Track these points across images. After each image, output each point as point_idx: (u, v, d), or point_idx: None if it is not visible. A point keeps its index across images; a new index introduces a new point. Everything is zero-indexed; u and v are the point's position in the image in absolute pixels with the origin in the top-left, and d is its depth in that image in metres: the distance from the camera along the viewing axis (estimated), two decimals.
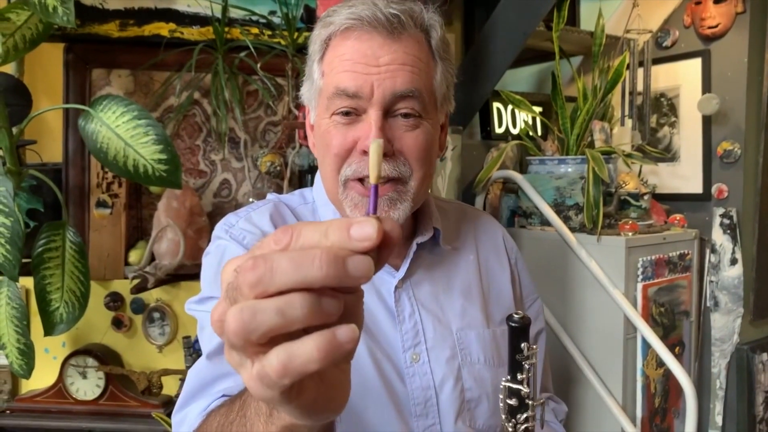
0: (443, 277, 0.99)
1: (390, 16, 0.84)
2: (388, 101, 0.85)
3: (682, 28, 2.49)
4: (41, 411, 1.70)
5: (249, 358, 0.42)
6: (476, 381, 0.94)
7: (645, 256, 2.02)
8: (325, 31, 0.88)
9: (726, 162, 2.39)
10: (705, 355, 2.42)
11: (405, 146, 0.87)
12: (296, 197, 1.03)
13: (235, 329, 0.39)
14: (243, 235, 0.93)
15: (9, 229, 1.35)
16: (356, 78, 0.84)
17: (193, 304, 0.93)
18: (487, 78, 2.25)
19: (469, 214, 1.12)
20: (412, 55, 0.86)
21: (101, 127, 1.46)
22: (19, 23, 1.49)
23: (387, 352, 0.90)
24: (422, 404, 0.89)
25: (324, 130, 0.88)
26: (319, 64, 0.89)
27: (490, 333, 0.98)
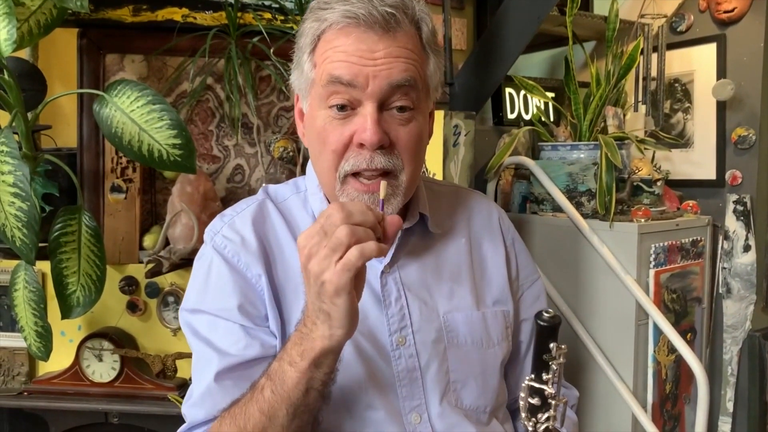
0: (432, 260, 1.00)
1: (386, 14, 0.85)
2: (384, 92, 0.86)
3: (697, 13, 2.46)
4: (58, 393, 1.72)
5: (334, 261, 0.72)
6: (462, 363, 0.96)
7: (657, 243, 2.01)
8: (317, 24, 0.88)
9: (740, 148, 2.37)
10: (717, 341, 2.42)
11: (399, 140, 0.89)
12: (290, 187, 1.05)
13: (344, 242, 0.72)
14: (224, 244, 0.95)
15: (26, 213, 1.36)
16: (351, 67, 0.85)
17: (188, 314, 0.97)
18: (500, 63, 2.23)
19: (462, 196, 1.12)
20: (406, 49, 0.87)
21: (116, 112, 1.47)
22: (33, 8, 1.49)
23: (374, 336, 0.93)
24: (408, 386, 0.93)
25: (319, 125, 0.89)
26: (310, 56, 0.90)
27: (479, 315, 1.00)
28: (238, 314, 0.92)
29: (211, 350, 0.91)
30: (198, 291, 0.96)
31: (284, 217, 0.99)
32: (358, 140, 0.86)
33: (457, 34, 2.59)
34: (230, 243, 0.95)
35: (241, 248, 0.94)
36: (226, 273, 0.94)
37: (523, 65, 2.81)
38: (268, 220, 0.99)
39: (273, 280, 0.94)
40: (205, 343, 0.92)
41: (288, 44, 1.72)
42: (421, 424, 0.92)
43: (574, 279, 2.10)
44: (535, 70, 2.90)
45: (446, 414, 0.94)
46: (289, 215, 1.00)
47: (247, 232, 0.96)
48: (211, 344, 0.92)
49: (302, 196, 1.02)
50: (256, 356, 0.90)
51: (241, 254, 0.94)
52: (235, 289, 0.93)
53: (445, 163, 1.88)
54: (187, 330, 0.97)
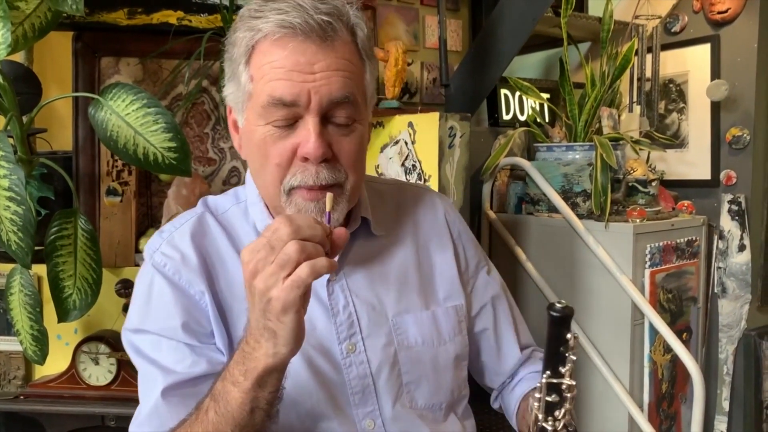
0: (377, 264, 0.99)
1: (322, 22, 0.83)
2: (324, 108, 0.85)
3: (691, 14, 2.47)
4: (54, 396, 1.71)
5: (282, 278, 0.70)
6: (414, 363, 0.96)
7: (653, 243, 2.02)
8: (250, 34, 0.85)
9: (735, 148, 2.38)
10: (712, 341, 2.43)
11: (342, 152, 0.87)
12: (229, 197, 1.02)
13: (294, 259, 0.71)
14: (164, 262, 0.92)
15: (21, 217, 1.36)
16: (292, 86, 0.83)
17: (130, 333, 0.94)
18: (495, 64, 2.24)
19: (407, 193, 1.11)
20: (344, 60, 0.86)
21: (111, 115, 1.47)
22: (28, 11, 1.49)
23: (323, 346, 0.92)
24: (360, 392, 0.92)
25: (259, 139, 0.87)
26: (245, 67, 0.87)
27: (429, 314, 0.99)
28: (182, 333, 0.89)
29: (155, 369, 0.89)
30: (140, 311, 0.93)
31: (225, 229, 0.96)
32: (302, 154, 0.85)
33: (453, 36, 2.60)
34: (170, 260, 0.92)
35: (182, 265, 0.91)
36: (168, 291, 0.91)
37: (518, 66, 2.82)
38: (209, 233, 0.96)
39: (217, 296, 0.92)
40: (150, 362, 0.90)
41: None
42: (375, 429, 0.92)
43: (570, 279, 2.10)
44: (530, 72, 2.91)
45: (400, 416, 0.94)
46: (230, 227, 0.97)
47: (186, 247, 0.93)
48: (156, 363, 0.89)
49: (242, 207, 0.99)
50: (203, 373, 0.88)
51: (182, 271, 0.91)
52: (177, 307, 0.90)
53: (441, 165, 1.88)
54: (131, 350, 0.93)
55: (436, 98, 2.55)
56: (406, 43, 2.45)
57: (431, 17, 2.54)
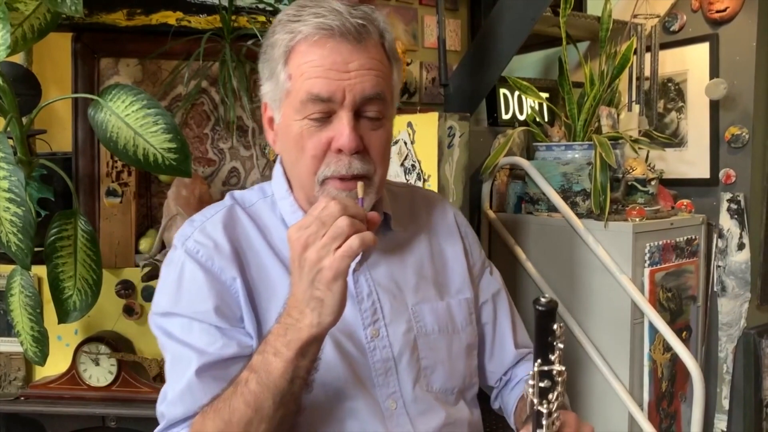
0: (397, 257, 1.07)
1: (357, 25, 0.91)
2: (357, 103, 0.92)
3: (689, 12, 2.47)
4: (55, 397, 1.72)
5: (333, 249, 0.78)
6: (431, 350, 1.03)
7: (652, 242, 2.02)
8: (290, 36, 0.92)
9: (733, 147, 2.38)
10: (712, 339, 2.43)
11: (372, 145, 0.95)
12: (255, 192, 1.08)
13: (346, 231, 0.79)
14: (197, 248, 0.98)
15: (21, 218, 1.36)
16: (329, 84, 0.90)
17: (159, 317, 0.98)
18: (494, 64, 2.24)
19: (419, 195, 1.19)
20: (375, 60, 0.93)
21: (110, 116, 1.47)
22: (27, 13, 1.49)
23: (350, 331, 0.98)
24: (383, 374, 0.99)
25: (296, 132, 0.94)
26: (284, 67, 0.94)
27: (444, 305, 1.07)
28: (214, 316, 0.94)
29: (188, 350, 0.93)
30: (170, 295, 0.97)
31: (254, 221, 1.02)
32: (337, 146, 0.92)
33: (452, 35, 2.60)
34: (203, 247, 0.97)
35: (215, 252, 0.97)
36: (200, 276, 0.96)
37: (517, 66, 2.82)
38: (239, 223, 1.01)
39: (247, 282, 0.97)
40: (182, 344, 0.94)
41: None
42: (397, 409, 0.99)
43: (570, 278, 2.10)
44: (529, 71, 2.91)
45: (419, 398, 1.01)
46: (259, 219, 1.03)
47: (219, 236, 0.98)
48: (188, 345, 0.94)
49: (269, 201, 1.05)
50: (234, 355, 0.93)
51: (215, 258, 0.96)
52: (210, 291, 0.95)
53: (440, 165, 1.88)
54: (160, 333, 0.98)
55: (435, 98, 2.55)
56: (405, 42, 2.45)
57: (430, 17, 2.54)
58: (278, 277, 0.98)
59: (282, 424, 0.86)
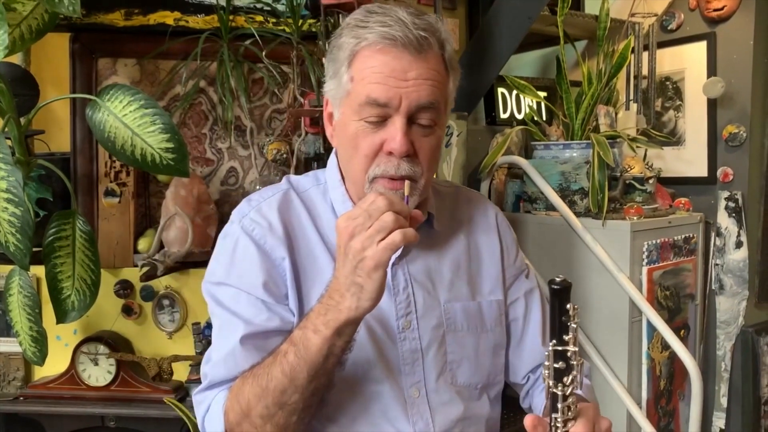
0: (435, 255, 1.11)
1: (419, 37, 0.95)
2: (412, 110, 0.97)
3: (687, 11, 2.48)
4: (54, 397, 1.72)
5: (377, 241, 0.84)
6: (459, 346, 1.08)
7: (650, 240, 2.02)
8: (355, 41, 0.97)
9: (731, 145, 2.39)
10: (710, 337, 2.43)
11: (421, 150, 1.00)
12: (310, 179, 1.14)
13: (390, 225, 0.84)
14: (252, 227, 1.04)
15: (19, 218, 1.36)
16: (388, 90, 0.95)
17: (212, 285, 1.06)
18: (492, 63, 2.24)
19: (463, 196, 1.23)
20: (434, 71, 0.98)
21: (108, 117, 1.47)
22: (25, 13, 1.49)
23: (383, 320, 1.04)
24: (410, 364, 1.04)
25: (352, 132, 0.99)
26: (347, 69, 0.99)
27: (475, 304, 1.11)
28: (262, 290, 1.01)
29: (236, 318, 1.00)
30: (224, 266, 1.04)
31: (306, 206, 1.09)
32: (388, 149, 0.97)
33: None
34: (258, 226, 1.04)
35: (268, 232, 1.03)
36: (253, 252, 1.02)
37: (515, 65, 2.82)
38: (292, 208, 1.08)
39: (295, 264, 1.03)
40: (230, 313, 1.01)
41: (280, 47, 1.74)
42: (419, 398, 1.04)
43: (568, 277, 2.07)
44: (527, 70, 2.91)
45: (441, 390, 1.06)
46: (311, 205, 1.09)
47: (273, 217, 1.05)
48: (236, 313, 1.01)
49: (322, 189, 1.11)
50: (276, 328, 1.00)
51: (268, 237, 1.03)
52: (261, 267, 1.02)
53: (438, 164, 1.89)
54: (211, 300, 1.05)
55: None
56: None
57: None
58: (323, 261, 1.04)
59: (313, 396, 0.93)
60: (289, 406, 0.92)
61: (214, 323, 1.05)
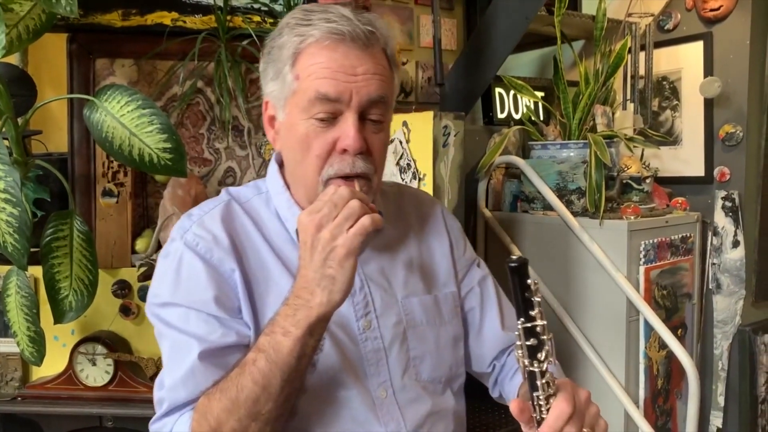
0: (387, 254, 1.11)
1: (366, 32, 0.95)
2: (363, 105, 0.96)
3: (684, 11, 2.48)
4: (52, 397, 1.72)
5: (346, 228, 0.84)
6: (420, 341, 1.08)
7: (647, 240, 2.03)
8: (299, 39, 0.96)
9: (728, 145, 2.39)
10: (707, 337, 2.44)
11: (374, 146, 0.99)
12: (250, 189, 1.11)
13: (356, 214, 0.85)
14: (196, 241, 1.00)
15: (17, 218, 1.36)
16: (337, 85, 0.94)
17: (157, 307, 1.01)
18: (489, 63, 2.25)
19: (407, 194, 1.24)
20: (380, 66, 0.98)
21: (106, 117, 1.47)
22: (22, 14, 1.50)
23: (343, 323, 1.03)
24: (375, 364, 1.03)
25: (302, 132, 0.97)
26: (291, 68, 0.97)
27: (431, 298, 1.11)
28: (213, 306, 0.97)
29: (187, 337, 0.96)
30: (170, 285, 1.00)
31: (250, 216, 1.06)
32: (343, 146, 0.96)
33: (447, 35, 2.60)
34: (202, 240, 1.00)
35: (214, 245, 1.00)
36: (200, 267, 0.98)
37: (513, 65, 2.82)
38: (236, 218, 1.05)
39: (246, 274, 1.00)
40: (180, 332, 0.97)
41: None
42: (387, 398, 1.03)
43: (565, 277, 2.11)
44: (524, 70, 2.91)
45: (408, 387, 1.05)
46: (255, 214, 1.06)
47: (217, 229, 1.01)
48: (187, 332, 0.96)
49: (264, 197, 1.09)
50: (233, 344, 0.96)
51: (214, 250, 0.99)
52: (210, 282, 0.97)
53: (435, 164, 1.89)
54: (158, 322, 1.00)
55: (430, 97, 2.55)
56: (401, 42, 2.46)
57: (426, 16, 2.54)
58: (275, 270, 1.01)
59: (286, 402, 0.91)
60: (263, 416, 0.89)
61: (163, 346, 1.00)
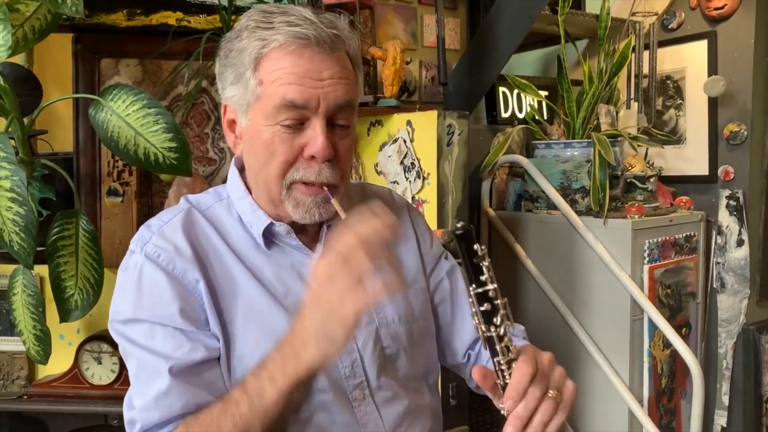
0: None
1: (332, 35, 0.92)
2: (330, 111, 0.93)
3: (688, 10, 2.48)
4: (57, 396, 1.73)
5: (357, 292, 0.76)
6: (393, 338, 1.05)
7: (651, 239, 2.03)
8: (260, 43, 0.92)
9: (732, 144, 2.39)
10: (711, 335, 2.44)
11: (340, 153, 0.96)
12: (211, 195, 1.07)
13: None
14: (157, 252, 0.95)
15: (23, 217, 1.37)
16: (304, 91, 0.91)
17: (120, 325, 0.95)
18: (493, 62, 2.25)
19: (370, 192, 1.21)
20: (346, 69, 0.95)
21: (111, 116, 1.48)
22: (28, 14, 1.50)
23: None
24: (350, 366, 1.00)
25: (267, 138, 0.94)
26: (254, 72, 0.93)
27: (402, 295, 1.08)
28: (179, 319, 0.92)
29: (154, 356, 0.91)
30: (131, 300, 0.94)
31: (212, 223, 1.01)
32: (311, 153, 0.93)
33: (451, 34, 2.60)
34: (163, 251, 0.95)
35: (176, 255, 0.95)
36: (162, 280, 0.94)
37: (516, 64, 2.82)
38: (198, 227, 1.00)
39: (211, 284, 0.96)
40: (147, 351, 0.92)
41: None
42: (365, 399, 1.01)
43: (569, 275, 2.11)
44: (528, 69, 2.91)
45: (384, 387, 1.03)
46: (217, 221, 1.02)
47: (178, 239, 0.97)
48: (154, 351, 0.91)
49: (225, 203, 1.05)
50: (204, 358, 0.92)
51: (176, 261, 0.95)
52: (173, 294, 0.93)
53: (439, 163, 1.89)
54: (123, 340, 0.95)
55: (434, 97, 2.55)
56: (405, 42, 2.46)
57: (429, 16, 2.54)
58: (241, 278, 0.97)
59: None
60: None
61: (129, 365, 0.95)
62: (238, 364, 0.94)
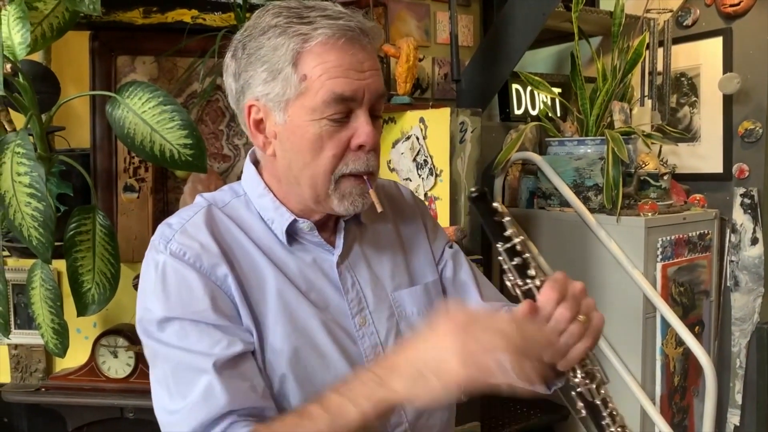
0: (371, 247, 1.09)
1: (367, 29, 0.94)
2: (373, 102, 0.96)
3: (703, 7, 2.47)
4: (74, 389, 1.75)
5: (486, 358, 0.74)
6: (413, 331, 1.02)
7: (665, 236, 2.02)
8: (300, 38, 0.92)
9: (747, 141, 2.37)
10: (725, 334, 2.43)
11: (378, 143, 0.99)
12: (227, 192, 1.06)
13: None
14: (182, 250, 0.94)
15: (41, 213, 1.39)
16: (351, 84, 0.92)
17: (150, 325, 0.93)
18: (506, 59, 2.25)
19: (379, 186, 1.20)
20: (376, 61, 0.97)
21: (128, 113, 1.49)
22: (46, 12, 1.52)
23: (338, 321, 1.00)
24: (374, 359, 1.00)
25: (314, 133, 0.94)
26: (294, 68, 0.93)
27: (419, 288, 1.11)
28: (212, 314, 0.91)
29: (194, 355, 0.89)
30: (160, 299, 0.92)
31: (232, 219, 1.01)
32: (359, 142, 0.94)
33: (464, 31, 2.61)
34: (189, 249, 0.94)
35: (202, 252, 0.94)
36: (192, 277, 0.92)
37: (530, 61, 2.82)
38: (220, 222, 1.00)
39: (239, 278, 0.95)
40: (184, 351, 0.90)
41: None
42: None
43: (582, 273, 2.11)
44: (541, 66, 2.91)
45: None
46: (237, 217, 1.01)
47: (203, 236, 0.95)
48: (191, 350, 0.89)
49: (243, 200, 1.04)
50: (242, 351, 0.90)
51: (203, 258, 0.93)
52: (204, 291, 0.92)
53: (452, 160, 1.90)
54: (154, 342, 0.93)
55: (447, 94, 2.56)
56: (418, 39, 2.46)
57: (442, 13, 2.55)
58: (267, 272, 0.97)
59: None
60: None
61: (160, 368, 0.92)
62: (273, 357, 0.93)
